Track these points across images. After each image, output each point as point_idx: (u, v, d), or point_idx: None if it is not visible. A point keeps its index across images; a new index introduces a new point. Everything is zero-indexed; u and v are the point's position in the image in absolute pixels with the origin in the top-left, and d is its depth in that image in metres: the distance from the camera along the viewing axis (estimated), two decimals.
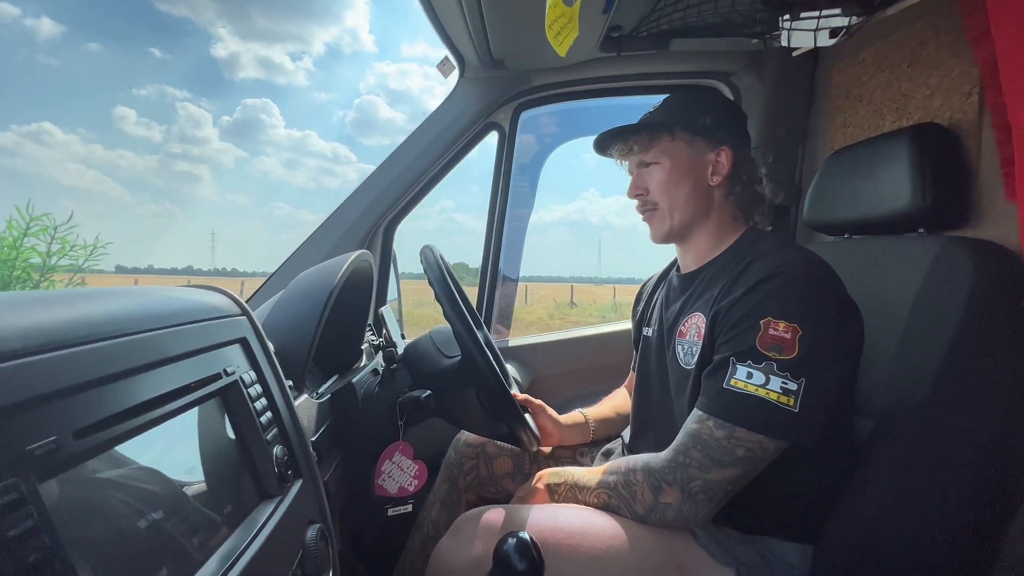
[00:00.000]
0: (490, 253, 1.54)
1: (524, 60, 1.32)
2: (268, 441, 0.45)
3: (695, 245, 0.86)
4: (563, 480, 0.84)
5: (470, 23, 1.09)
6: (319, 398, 0.79)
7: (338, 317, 0.98)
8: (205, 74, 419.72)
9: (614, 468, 0.79)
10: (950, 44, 0.97)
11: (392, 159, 1.35)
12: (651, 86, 1.46)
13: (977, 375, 0.74)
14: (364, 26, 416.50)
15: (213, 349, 0.42)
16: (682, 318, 0.83)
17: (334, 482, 0.74)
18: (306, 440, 0.53)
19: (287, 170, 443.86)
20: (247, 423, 0.43)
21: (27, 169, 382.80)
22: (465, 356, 0.78)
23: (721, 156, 0.83)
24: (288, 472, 0.46)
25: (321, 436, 0.72)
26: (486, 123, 1.41)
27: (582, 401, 1.19)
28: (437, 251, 0.90)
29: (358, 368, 1.04)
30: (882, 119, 1.13)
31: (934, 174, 0.88)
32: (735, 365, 0.69)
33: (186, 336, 0.39)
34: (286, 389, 0.52)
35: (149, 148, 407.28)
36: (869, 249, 0.98)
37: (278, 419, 0.48)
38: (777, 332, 0.68)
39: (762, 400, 0.67)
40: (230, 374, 0.42)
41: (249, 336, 0.49)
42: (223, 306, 0.48)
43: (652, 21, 1.16)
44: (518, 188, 1.54)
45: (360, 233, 1.31)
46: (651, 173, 0.85)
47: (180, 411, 0.37)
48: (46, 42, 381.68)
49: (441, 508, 1.08)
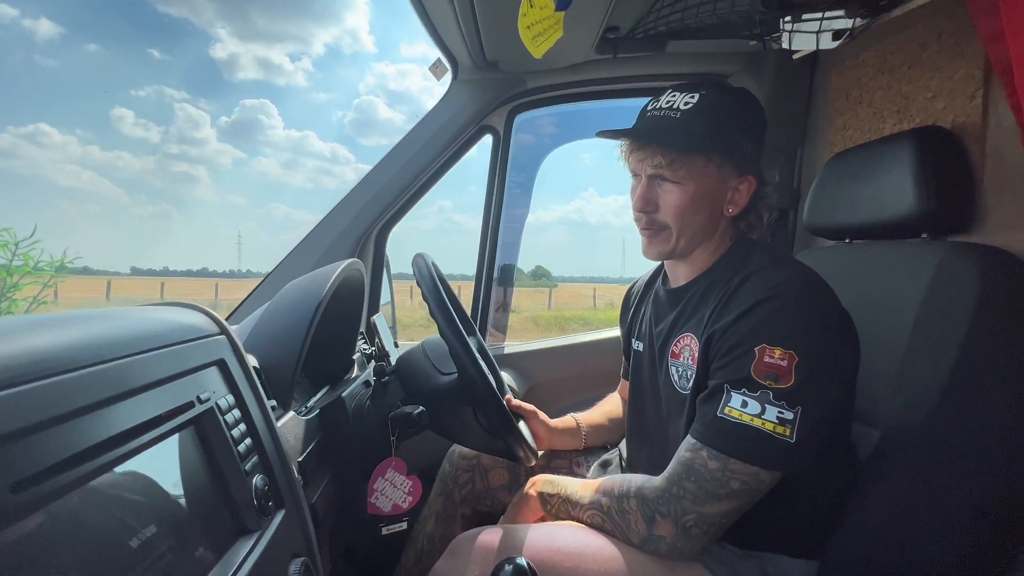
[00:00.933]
0: (485, 256, 1.51)
1: (518, 62, 1.30)
2: (247, 471, 0.42)
3: (691, 263, 0.82)
4: (556, 491, 0.82)
5: (463, 24, 1.07)
6: (307, 414, 0.76)
7: (329, 327, 0.95)
8: (204, 75, 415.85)
9: (607, 489, 0.76)
10: (952, 46, 0.95)
11: (384, 164, 1.32)
12: (648, 88, 1.44)
13: (985, 387, 0.72)
14: (364, 27, 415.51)
15: (186, 375, 0.39)
16: (673, 337, 0.80)
17: (323, 503, 0.71)
18: (290, 465, 0.50)
19: (285, 171, 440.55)
20: (224, 453, 0.41)
21: (23, 171, 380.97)
22: (461, 375, 0.75)
23: (743, 186, 0.76)
24: (269, 503, 0.43)
25: (309, 455, 0.69)
26: (480, 126, 1.39)
27: (579, 407, 1.16)
28: (430, 259, 0.87)
29: (350, 379, 1.01)
30: (883, 122, 1.12)
31: (937, 178, 0.86)
32: (730, 393, 0.67)
33: (155, 363, 0.37)
34: (268, 411, 0.49)
35: (147, 149, 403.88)
36: (870, 254, 0.96)
37: (259, 446, 0.46)
38: (773, 359, 0.65)
39: (757, 431, 0.64)
40: (204, 401, 0.39)
41: (227, 357, 0.46)
42: (199, 325, 0.45)
43: (649, 23, 1.14)
44: (513, 191, 1.51)
45: (351, 240, 1.28)
46: (667, 191, 0.75)
47: (147, 446, 0.34)
48: (45, 43, 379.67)
49: (436, 522, 1.05)
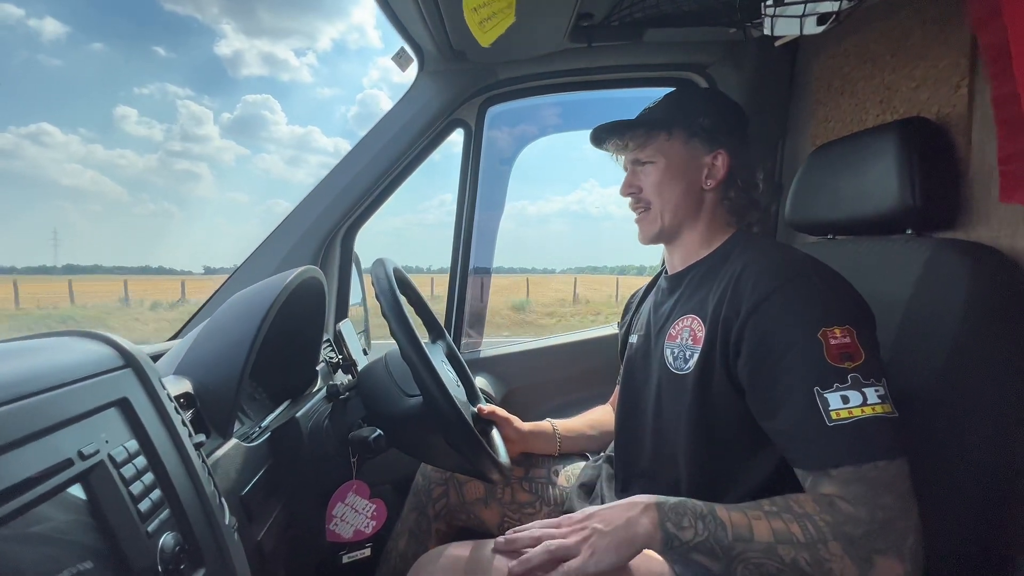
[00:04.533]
0: (459, 255, 1.45)
1: (488, 52, 1.23)
2: (150, 532, 0.36)
3: (683, 246, 0.84)
4: (692, 534, 0.59)
5: (425, 11, 1.00)
6: (256, 438, 0.70)
7: (287, 339, 0.88)
8: (208, 72, 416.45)
9: (780, 534, 0.57)
10: (936, 33, 0.92)
11: (348, 161, 1.24)
12: (624, 79, 1.39)
13: (976, 387, 0.69)
14: (370, 22, 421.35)
15: (65, 425, 0.33)
16: (672, 320, 0.79)
17: (272, 538, 0.65)
18: (216, 513, 0.43)
19: (288, 167, 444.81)
20: (118, 514, 0.34)
21: (26, 171, 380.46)
22: (425, 399, 0.68)
23: (718, 160, 0.80)
24: (181, 568, 0.37)
25: (255, 486, 0.63)
26: (450, 119, 1.32)
27: (560, 411, 1.13)
28: (391, 266, 0.80)
29: (312, 393, 0.95)
30: (865, 113, 1.08)
31: (922, 171, 0.82)
32: (823, 396, 0.59)
33: (23, 415, 0.30)
34: (188, 453, 0.43)
35: (150, 147, 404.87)
36: (854, 251, 0.93)
37: (171, 497, 0.39)
38: (838, 340, 0.60)
39: (877, 419, 0.57)
40: (88, 456, 0.33)
41: (133, 394, 0.40)
42: (97, 360, 0.39)
43: (624, 10, 1.08)
44: (489, 186, 1.45)
45: (315, 242, 1.21)
46: (646, 172, 0.83)
47: (12, 517, 0.28)
48: (50, 43, 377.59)
49: (410, 539, 1.00)
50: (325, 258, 1.25)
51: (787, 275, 0.65)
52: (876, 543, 0.55)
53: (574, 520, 0.62)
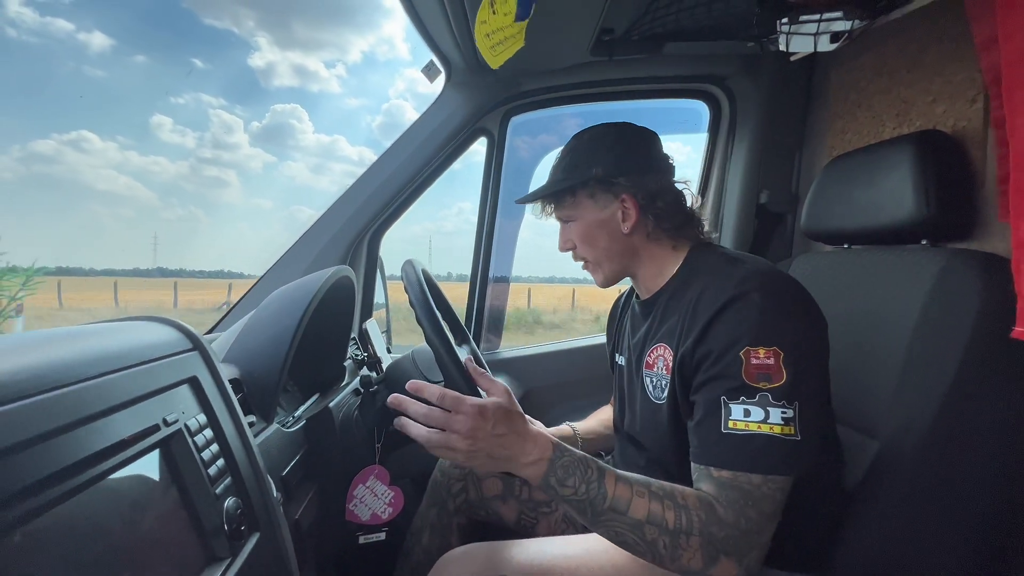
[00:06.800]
0: (480, 261, 1.49)
1: (512, 64, 1.28)
2: (217, 495, 0.40)
3: (641, 279, 0.85)
4: (571, 489, 0.62)
5: (455, 26, 1.05)
6: (292, 426, 0.74)
7: (318, 335, 0.93)
8: (241, 83, 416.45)
9: (655, 516, 0.61)
10: (953, 49, 0.94)
11: (376, 168, 1.30)
12: (644, 90, 1.42)
13: (987, 399, 0.70)
14: (400, 34, 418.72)
15: (154, 395, 0.37)
16: (647, 348, 0.81)
17: (308, 517, 0.69)
18: (268, 485, 0.48)
19: (313, 174, 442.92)
20: (192, 477, 0.39)
21: (64, 176, 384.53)
22: (448, 384, 0.72)
23: (626, 203, 0.80)
24: (242, 528, 0.41)
25: (293, 468, 0.67)
26: (475, 128, 1.37)
27: (575, 412, 1.15)
28: (419, 266, 0.84)
29: (339, 388, 0.99)
30: (882, 125, 1.10)
31: (937, 183, 0.84)
32: (728, 405, 0.65)
33: (118, 385, 0.35)
34: (245, 429, 0.48)
35: (182, 154, 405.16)
36: (869, 260, 0.94)
37: (232, 467, 0.44)
38: (760, 360, 0.63)
39: (769, 437, 0.62)
40: (171, 423, 0.37)
41: (200, 374, 0.45)
42: (170, 341, 0.44)
43: (645, 24, 1.12)
44: (510, 194, 1.49)
45: (343, 245, 1.26)
46: (572, 228, 0.85)
47: (107, 474, 0.33)
48: (96, 55, 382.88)
49: (432, 534, 1.03)
50: (352, 260, 1.30)
51: (730, 297, 0.68)
52: (728, 546, 0.61)
53: (471, 427, 0.60)
